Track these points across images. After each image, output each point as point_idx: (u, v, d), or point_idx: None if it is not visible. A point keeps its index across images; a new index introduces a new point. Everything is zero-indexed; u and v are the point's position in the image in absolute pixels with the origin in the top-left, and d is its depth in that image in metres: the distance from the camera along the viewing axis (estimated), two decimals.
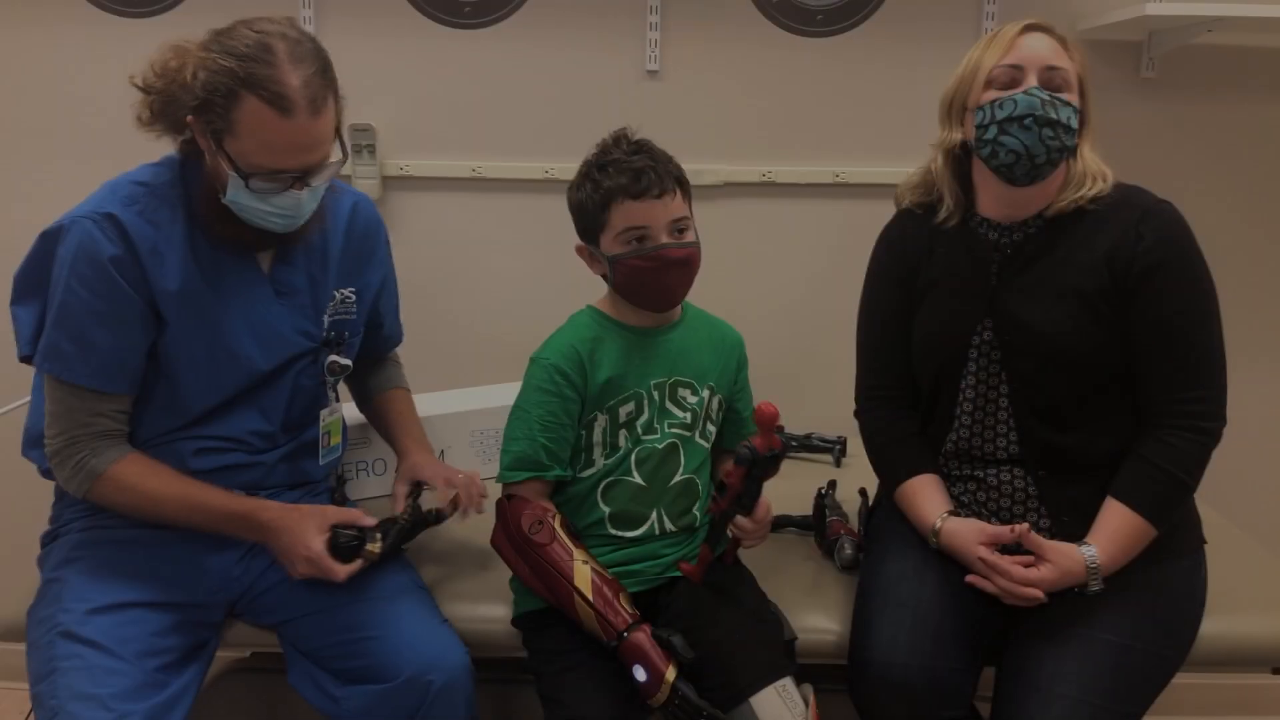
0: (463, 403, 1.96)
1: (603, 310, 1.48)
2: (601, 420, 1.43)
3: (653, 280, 1.39)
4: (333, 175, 1.37)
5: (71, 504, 1.45)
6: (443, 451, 1.92)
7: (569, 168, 2.17)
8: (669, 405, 1.46)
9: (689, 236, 1.41)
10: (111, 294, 1.32)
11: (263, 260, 1.45)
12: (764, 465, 1.29)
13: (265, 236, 1.39)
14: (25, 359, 1.38)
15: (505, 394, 1.46)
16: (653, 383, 1.45)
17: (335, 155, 1.36)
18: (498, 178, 2.21)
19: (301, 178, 1.31)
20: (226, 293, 1.41)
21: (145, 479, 1.37)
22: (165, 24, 2.13)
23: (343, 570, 1.36)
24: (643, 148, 1.40)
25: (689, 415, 1.46)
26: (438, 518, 1.50)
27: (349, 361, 1.54)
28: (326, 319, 1.51)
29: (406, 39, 2.16)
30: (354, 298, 1.55)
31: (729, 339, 1.56)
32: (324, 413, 1.54)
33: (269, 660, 1.57)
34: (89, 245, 1.31)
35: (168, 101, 1.30)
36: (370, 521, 1.42)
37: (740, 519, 1.37)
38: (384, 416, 1.69)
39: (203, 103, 1.26)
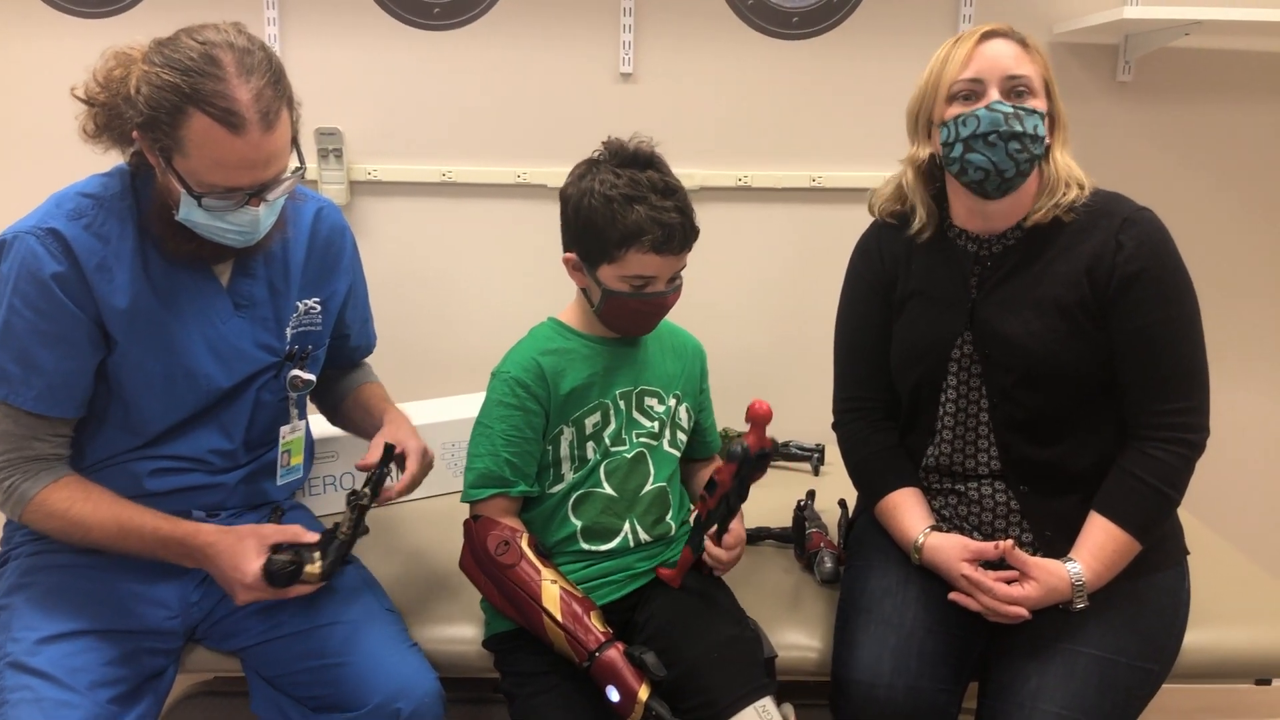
0: (432, 414, 1.94)
1: (565, 322, 1.45)
2: (568, 433, 1.40)
3: (640, 319, 1.40)
4: (291, 188, 1.32)
5: (21, 527, 1.39)
6: None
7: (541, 172, 2.18)
8: (636, 415, 1.44)
9: (679, 280, 1.40)
10: (56, 313, 1.27)
11: (220, 273, 1.40)
12: (754, 464, 1.28)
13: (223, 249, 1.34)
14: None
15: (476, 405, 1.43)
16: (618, 392, 1.42)
17: (294, 165, 1.31)
18: (469, 182, 2.17)
19: (257, 193, 1.26)
20: (182, 308, 1.36)
21: (75, 504, 1.31)
22: (123, 24, 2.07)
23: (290, 593, 1.30)
24: (674, 192, 1.34)
25: (656, 424, 1.45)
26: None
27: (312, 377, 1.49)
28: (289, 331, 1.47)
29: (374, 41, 2.11)
30: (318, 308, 1.50)
31: (690, 347, 1.55)
32: (284, 430, 1.49)
33: (232, 684, 1.53)
34: (31, 262, 1.26)
35: (112, 114, 1.24)
36: (309, 538, 1.34)
37: (713, 548, 1.36)
38: (361, 405, 1.61)
39: (148, 120, 1.20)
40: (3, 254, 1.27)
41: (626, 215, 1.30)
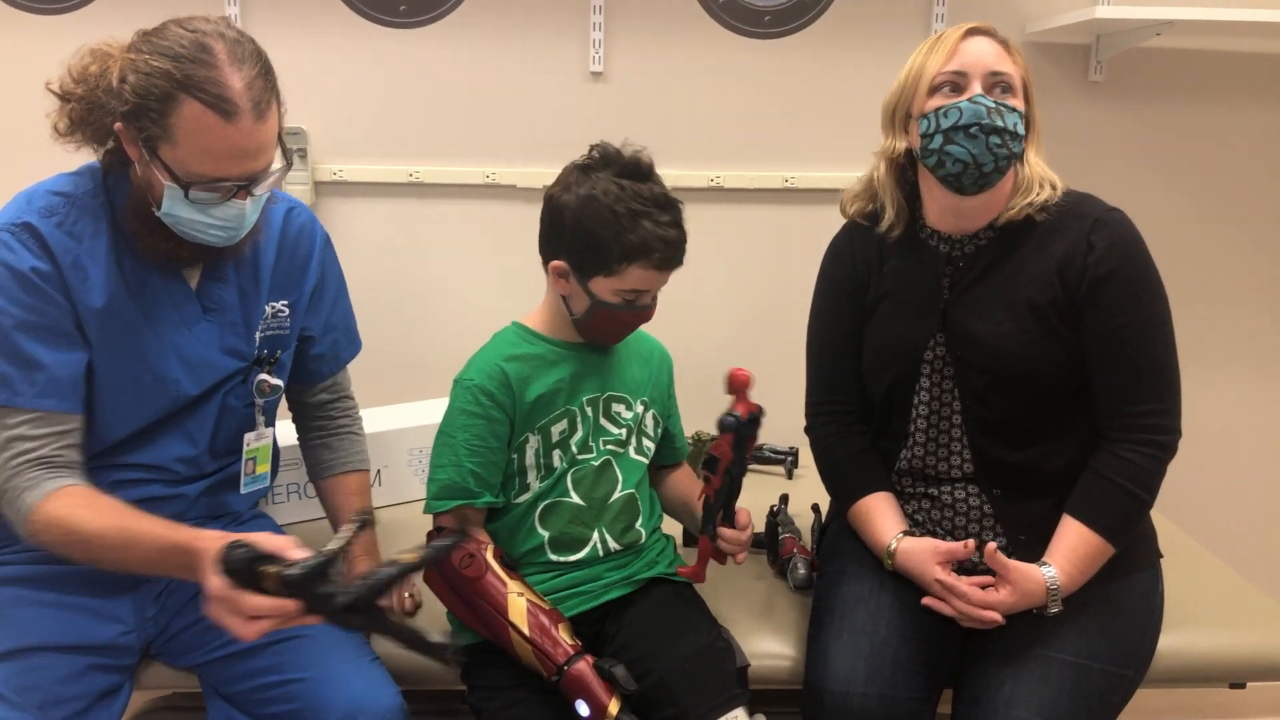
0: (399, 419, 1.91)
1: (531, 327, 1.42)
2: (533, 441, 1.37)
3: (622, 328, 1.39)
4: (277, 183, 1.29)
5: None
6: (379, 472, 1.84)
7: (510, 172, 2.15)
8: (603, 421, 1.41)
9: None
10: (42, 305, 1.23)
11: (189, 276, 1.36)
12: (748, 428, 1.29)
13: (199, 251, 1.30)
14: None
15: (443, 410, 1.40)
16: (585, 399, 1.40)
17: (278, 162, 1.28)
18: (436, 183, 2.14)
19: (245, 186, 1.23)
20: (152, 311, 1.32)
21: (77, 511, 1.20)
22: (79, 21, 2.00)
23: (250, 604, 1.04)
24: (673, 206, 1.32)
25: (623, 431, 1.42)
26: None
27: (280, 382, 1.46)
28: (258, 336, 1.43)
29: (339, 38, 2.08)
30: (287, 311, 1.47)
31: (656, 352, 1.53)
32: (249, 437, 1.45)
33: (189, 700, 1.49)
34: (7, 257, 1.22)
35: (91, 109, 1.21)
36: (296, 555, 1.06)
37: (728, 532, 1.35)
38: (336, 506, 1.57)
39: (134, 108, 1.17)
40: None
41: (633, 230, 1.27)
